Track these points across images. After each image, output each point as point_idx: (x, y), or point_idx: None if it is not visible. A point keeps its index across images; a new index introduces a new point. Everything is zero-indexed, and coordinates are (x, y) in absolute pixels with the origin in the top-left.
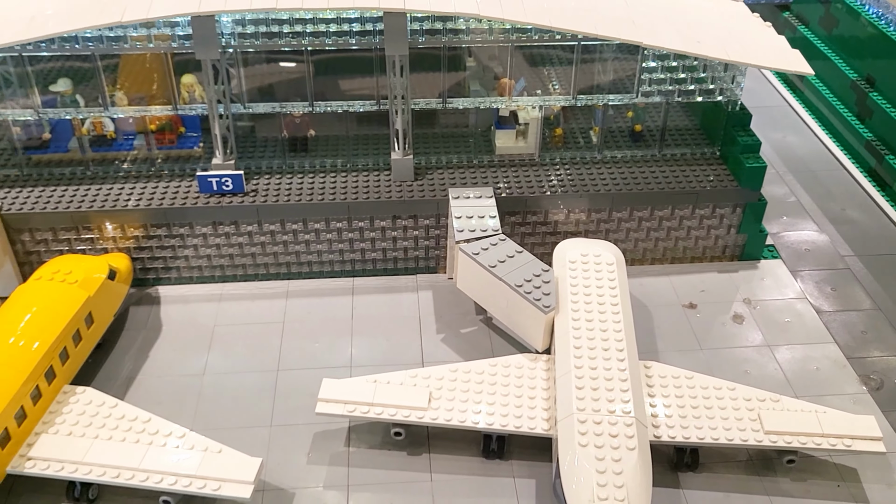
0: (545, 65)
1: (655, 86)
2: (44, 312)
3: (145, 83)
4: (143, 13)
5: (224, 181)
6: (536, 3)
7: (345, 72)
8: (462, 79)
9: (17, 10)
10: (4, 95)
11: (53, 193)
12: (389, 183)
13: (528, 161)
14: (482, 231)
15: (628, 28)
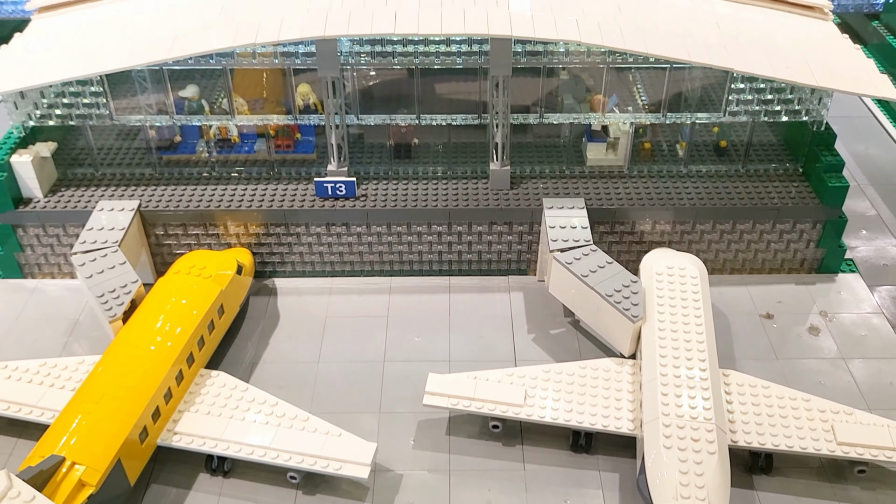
0: (637, 82)
1: (742, 106)
2: (184, 304)
3: (266, 92)
4: (275, 36)
5: (338, 187)
6: (633, 29)
7: (449, 87)
8: (557, 93)
9: (158, 30)
10: (143, 103)
11: (184, 192)
12: (487, 191)
13: (618, 173)
14: (575, 241)
15: (719, 54)
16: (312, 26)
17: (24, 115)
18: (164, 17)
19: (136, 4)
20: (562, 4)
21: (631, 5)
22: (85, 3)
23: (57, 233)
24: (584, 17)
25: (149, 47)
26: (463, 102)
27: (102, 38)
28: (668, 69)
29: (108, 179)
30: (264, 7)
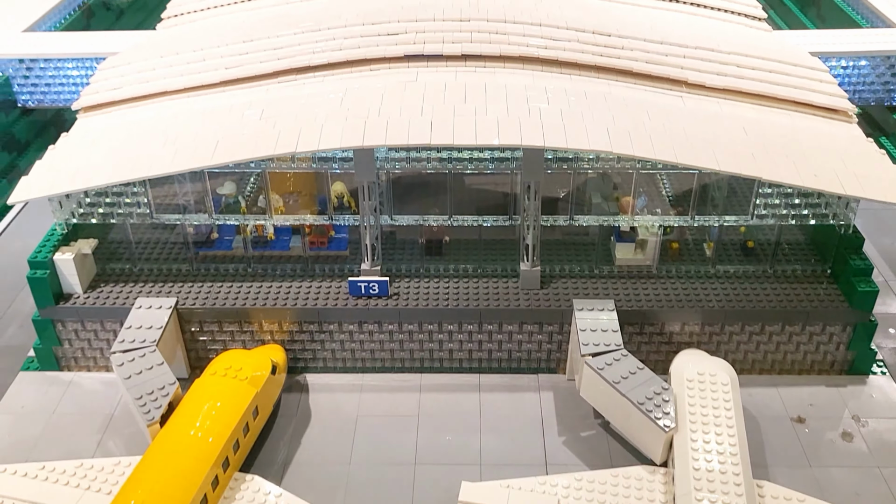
0: (665, 184)
1: (770, 209)
2: (220, 407)
3: (301, 188)
4: (314, 145)
5: (371, 286)
6: (662, 136)
7: (480, 188)
8: (585, 192)
9: (199, 134)
10: (181, 199)
11: (220, 289)
12: (517, 291)
13: (646, 272)
14: (605, 345)
15: (747, 162)
16: (351, 136)
17: (68, 213)
18: (205, 119)
19: (178, 105)
20: (592, 112)
21: (659, 111)
22: (128, 103)
23: (95, 328)
24: (614, 124)
25: (191, 153)
26: (494, 203)
27: (145, 142)
28: (696, 173)
29: (145, 275)
30: (303, 112)
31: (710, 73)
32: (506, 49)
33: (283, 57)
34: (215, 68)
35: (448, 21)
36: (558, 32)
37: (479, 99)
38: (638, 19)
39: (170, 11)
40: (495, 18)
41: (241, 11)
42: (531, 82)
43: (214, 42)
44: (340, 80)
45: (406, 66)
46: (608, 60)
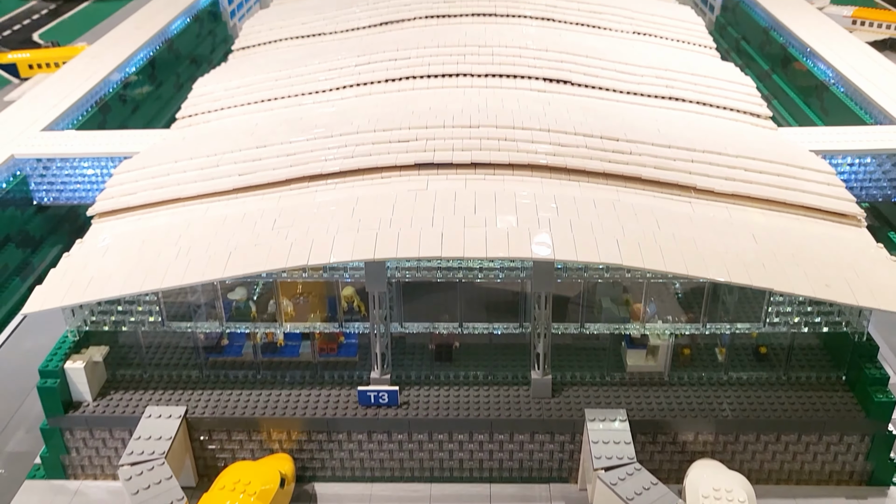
0: (676, 291)
1: (782, 317)
2: None
3: (311, 293)
4: (326, 258)
5: (381, 395)
6: (673, 247)
7: (491, 295)
8: (595, 296)
9: (212, 245)
10: (192, 305)
11: (229, 397)
12: (528, 399)
13: (658, 379)
14: (618, 458)
15: (758, 273)
16: (363, 249)
17: (80, 320)
18: (217, 228)
19: (192, 212)
20: (601, 221)
21: (669, 219)
22: (142, 209)
23: (103, 436)
24: (623, 235)
25: (203, 265)
26: (504, 310)
27: (158, 251)
28: (706, 285)
29: (155, 381)
30: (315, 222)
31: (719, 177)
32: (515, 157)
33: (296, 164)
34: (229, 174)
35: (458, 128)
36: (566, 138)
37: (489, 209)
38: (645, 122)
39: (184, 112)
40: (504, 125)
41: (255, 112)
42: (540, 190)
43: (228, 147)
44: (352, 188)
45: (417, 173)
46: (616, 167)
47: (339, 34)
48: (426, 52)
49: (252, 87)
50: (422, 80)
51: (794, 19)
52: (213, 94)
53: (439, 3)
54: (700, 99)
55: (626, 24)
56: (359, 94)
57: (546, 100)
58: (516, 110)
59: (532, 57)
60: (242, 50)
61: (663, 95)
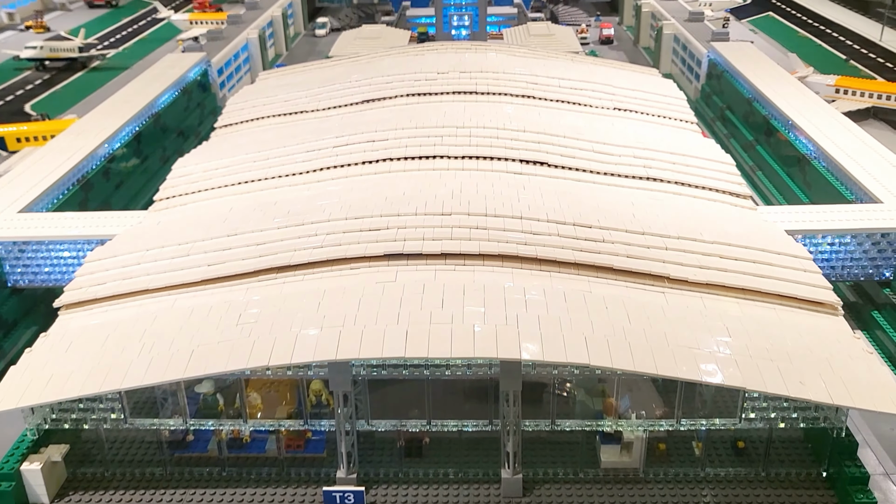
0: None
1: (758, 412)
2: None
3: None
4: (287, 359)
5: (346, 496)
6: (643, 344)
7: (460, 395)
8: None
9: (176, 341)
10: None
11: (192, 497)
12: (499, 499)
13: (633, 476)
14: None
15: (731, 371)
16: (325, 349)
17: (40, 419)
18: (183, 323)
19: (160, 304)
20: (570, 317)
21: (640, 312)
22: (110, 300)
23: None
24: (592, 332)
25: (165, 365)
26: (474, 407)
27: (121, 349)
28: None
29: (117, 480)
30: (279, 317)
31: (693, 266)
32: (485, 247)
33: (265, 254)
34: (198, 265)
35: (430, 215)
36: (539, 226)
37: (457, 303)
38: (620, 206)
39: (162, 194)
40: (476, 212)
41: (231, 195)
42: (510, 282)
43: (200, 235)
44: (320, 279)
45: (386, 264)
46: (588, 256)
47: (321, 112)
48: (404, 133)
49: (229, 169)
50: (399, 163)
51: (776, 90)
52: (191, 176)
53: (421, 82)
54: (678, 179)
55: (607, 100)
56: (335, 177)
57: (521, 183)
58: (490, 196)
59: (510, 138)
60: (225, 127)
61: (641, 176)
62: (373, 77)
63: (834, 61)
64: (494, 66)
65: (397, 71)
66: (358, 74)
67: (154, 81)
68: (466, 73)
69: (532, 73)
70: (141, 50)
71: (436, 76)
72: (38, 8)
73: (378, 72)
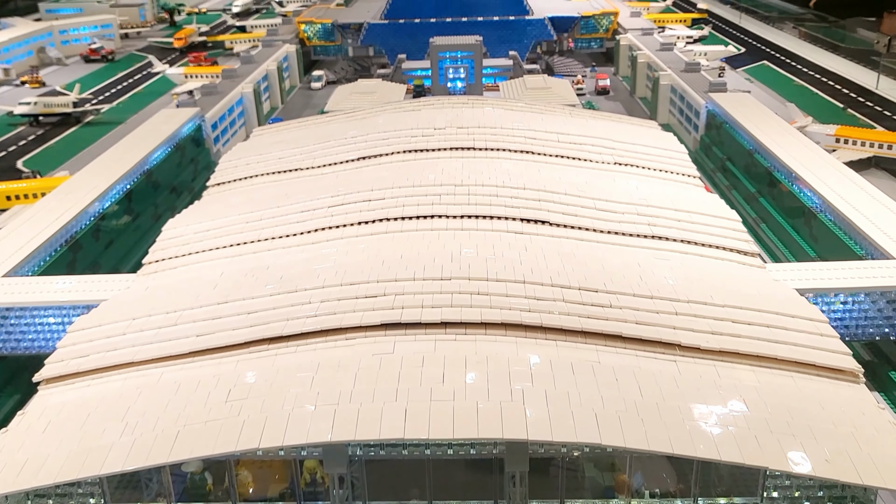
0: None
1: (781, 491)
2: None
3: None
4: (279, 440)
5: None
6: (656, 419)
7: (463, 472)
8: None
9: (162, 419)
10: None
11: None
12: None
13: None
14: None
15: (751, 448)
16: (319, 430)
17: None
18: (169, 399)
19: (145, 377)
20: (579, 391)
21: (652, 384)
22: (93, 374)
23: None
24: (603, 408)
25: (148, 447)
26: (478, 485)
27: (103, 428)
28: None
29: None
30: (271, 394)
31: (705, 332)
32: (487, 314)
33: (257, 323)
34: (187, 335)
35: (428, 280)
36: (543, 290)
37: (459, 378)
38: (626, 268)
39: (151, 257)
40: (477, 276)
41: (222, 259)
42: (514, 352)
43: (189, 302)
44: (314, 350)
45: (383, 334)
46: (595, 324)
47: (316, 169)
48: (401, 192)
49: (221, 231)
50: (396, 223)
51: (777, 141)
52: (181, 238)
53: (417, 138)
54: (684, 237)
55: (607, 155)
56: (330, 238)
57: (523, 244)
58: (491, 258)
59: (509, 196)
60: (218, 186)
61: (646, 234)
62: (369, 133)
63: (831, 110)
64: (492, 122)
65: (393, 127)
66: (354, 131)
67: (147, 138)
68: (464, 128)
69: (530, 127)
70: (135, 104)
71: (433, 132)
72: (34, 63)
73: (374, 128)
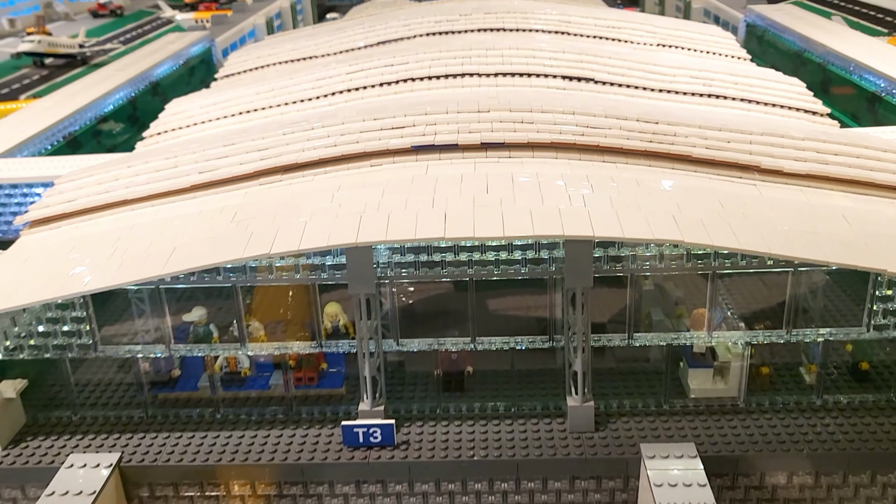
0: (750, 291)
1: (892, 317)
2: None
3: (285, 313)
4: (294, 244)
5: (372, 432)
6: (744, 225)
7: (511, 302)
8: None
9: (156, 243)
10: (138, 328)
11: (178, 441)
12: (565, 434)
13: (731, 407)
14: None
15: (861, 253)
16: (341, 232)
17: None
18: (165, 228)
19: (139, 215)
20: (649, 200)
21: (734, 199)
22: (81, 215)
23: (14, 496)
24: (680, 212)
25: (139, 264)
26: (528, 320)
27: (90, 254)
28: (790, 273)
29: (86, 425)
30: (284, 211)
31: (787, 158)
32: (534, 136)
33: (268, 157)
34: (187, 174)
35: (464, 113)
36: (596, 120)
37: (506, 189)
38: (687, 113)
39: (153, 130)
40: (519, 108)
41: (232, 125)
42: (569, 172)
43: (191, 149)
44: (334, 177)
45: (414, 159)
46: (660, 146)
47: (331, 56)
48: (427, 56)
49: (230, 102)
50: (422, 83)
51: (831, 37)
52: (186, 112)
53: (442, 23)
54: (745, 96)
55: (649, 38)
56: (349, 100)
57: (567, 95)
58: (533, 98)
59: (548, 58)
60: (227, 77)
61: (702, 93)
62: (389, 21)
63: (875, 34)
64: (522, 8)
65: (415, 17)
66: (373, 22)
67: (153, 53)
68: (491, 13)
69: (563, 12)
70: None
71: (458, 17)
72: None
73: (394, 18)
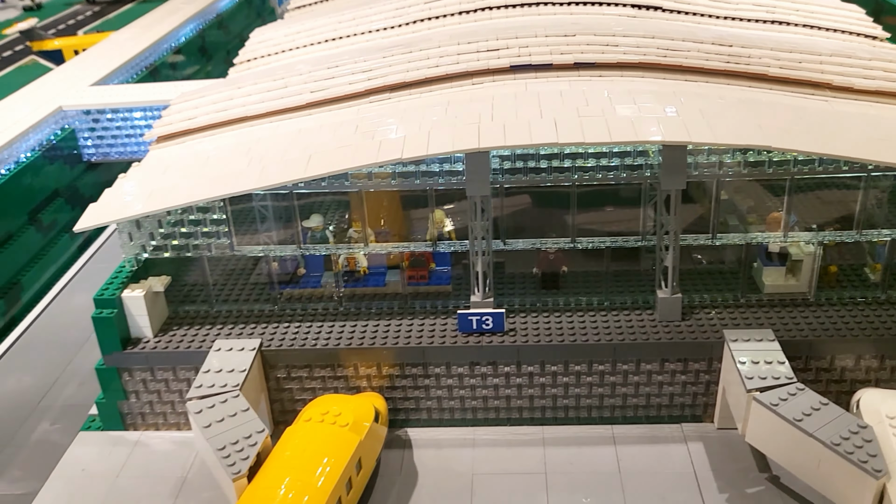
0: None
1: None
2: (319, 459)
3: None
4: (423, 150)
5: (484, 320)
6: (825, 133)
7: (608, 206)
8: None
9: (288, 152)
10: (264, 235)
11: (310, 329)
12: (655, 323)
13: (802, 301)
14: (775, 378)
15: None
16: (464, 139)
17: (139, 246)
18: (292, 139)
19: (261, 130)
20: (734, 112)
21: (812, 113)
22: (204, 131)
23: (166, 377)
24: (763, 121)
25: (281, 169)
26: (625, 222)
27: (227, 162)
28: (863, 177)
29: (223, 317)
30: (404, 123)
31: (856, 77)
32: (623, 57)
33: (374, 77)
34: (299, 93)
35: (552, 37)
36: (675, 44)
37: (605, 102)
38: (756, 36)
39: (242, 57)
40: (603, 32)
41: (318, 52)
42: (658, 88)
43: (297, 70)
44: (440, 94)
45: (513, 78)
46: (738, 66)
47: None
48: None
49: (314, 31)
50: (499, 11)
51: None
52: (272, 40)
53: None
54: (808, 22)
55: None
56: (431, 27)
57: (639, 24)
58: (614, 24)
59: None
60: (298, 9)
61: (766, 20)
62: None
63: None
64: None
65: None
66: None
67: None
68: None
69: None
70: None
71: None
72: None
73: None
